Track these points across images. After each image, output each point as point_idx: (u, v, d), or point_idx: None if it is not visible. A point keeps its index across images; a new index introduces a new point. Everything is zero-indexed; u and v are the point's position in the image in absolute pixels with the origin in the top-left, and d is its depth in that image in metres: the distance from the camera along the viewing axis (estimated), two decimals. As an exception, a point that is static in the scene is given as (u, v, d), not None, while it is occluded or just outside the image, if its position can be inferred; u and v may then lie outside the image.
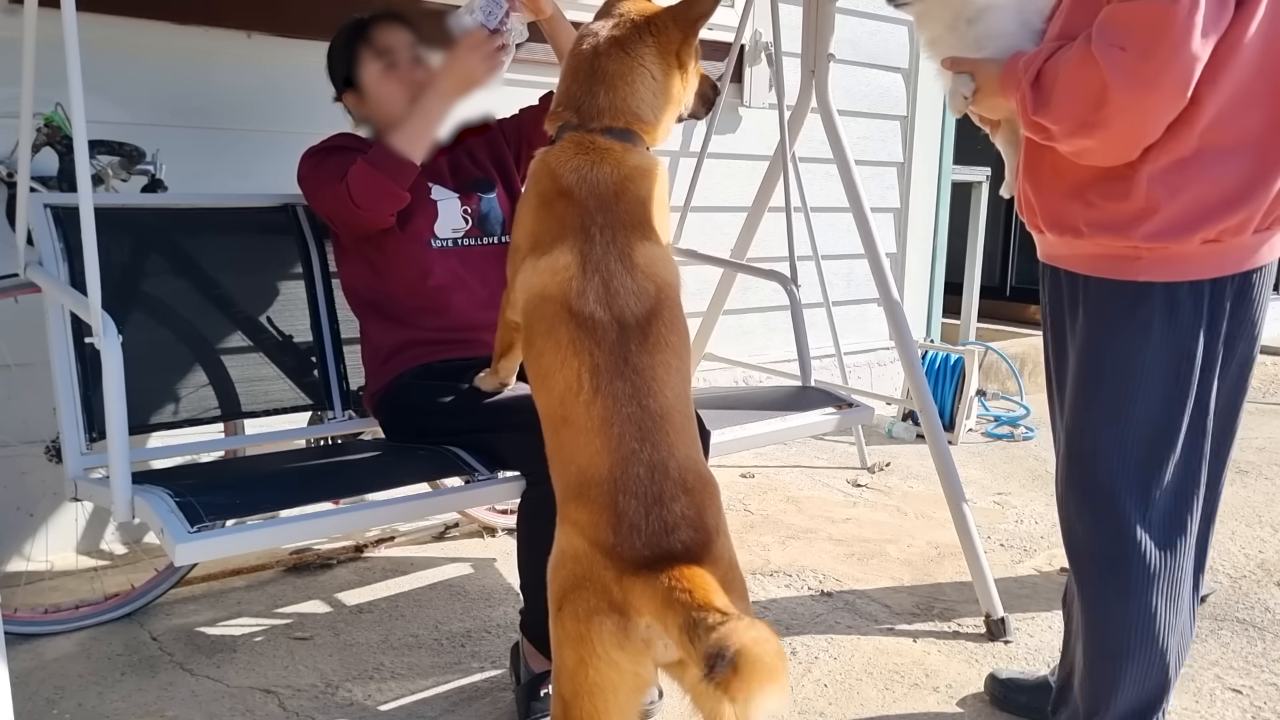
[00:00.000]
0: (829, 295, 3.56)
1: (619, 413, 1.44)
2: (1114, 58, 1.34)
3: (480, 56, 2.03)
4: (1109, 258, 1.56)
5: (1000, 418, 4.30)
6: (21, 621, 2.22)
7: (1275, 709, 2.06)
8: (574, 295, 1.51)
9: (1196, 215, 1.47)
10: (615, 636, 1.33)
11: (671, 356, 1.52)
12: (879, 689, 2.12)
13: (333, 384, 2.30)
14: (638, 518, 1.38)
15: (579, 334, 1.49)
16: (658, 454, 1.43)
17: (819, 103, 2.69)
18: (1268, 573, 2.76)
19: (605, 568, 1.36)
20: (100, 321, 1.66)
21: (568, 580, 1.41)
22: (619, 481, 1.41)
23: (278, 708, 1.99)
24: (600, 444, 1.44)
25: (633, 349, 1.49)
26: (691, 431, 1.52)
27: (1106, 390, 1.60)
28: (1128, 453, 1.59)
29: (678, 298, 1.59)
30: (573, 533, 1.43)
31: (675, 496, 1.41)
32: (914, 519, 3.15)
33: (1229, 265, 1.52)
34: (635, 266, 1.54)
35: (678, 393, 1.51)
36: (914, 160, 4.56)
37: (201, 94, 2.68)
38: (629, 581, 1.33)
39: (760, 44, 3.79)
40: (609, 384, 1.46)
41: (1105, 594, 1.63)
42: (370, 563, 2.72)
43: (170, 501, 1.66)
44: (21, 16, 1.73)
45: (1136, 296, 1.55)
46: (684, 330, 1.58)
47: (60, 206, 2.05)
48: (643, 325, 1.51)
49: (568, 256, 1.54)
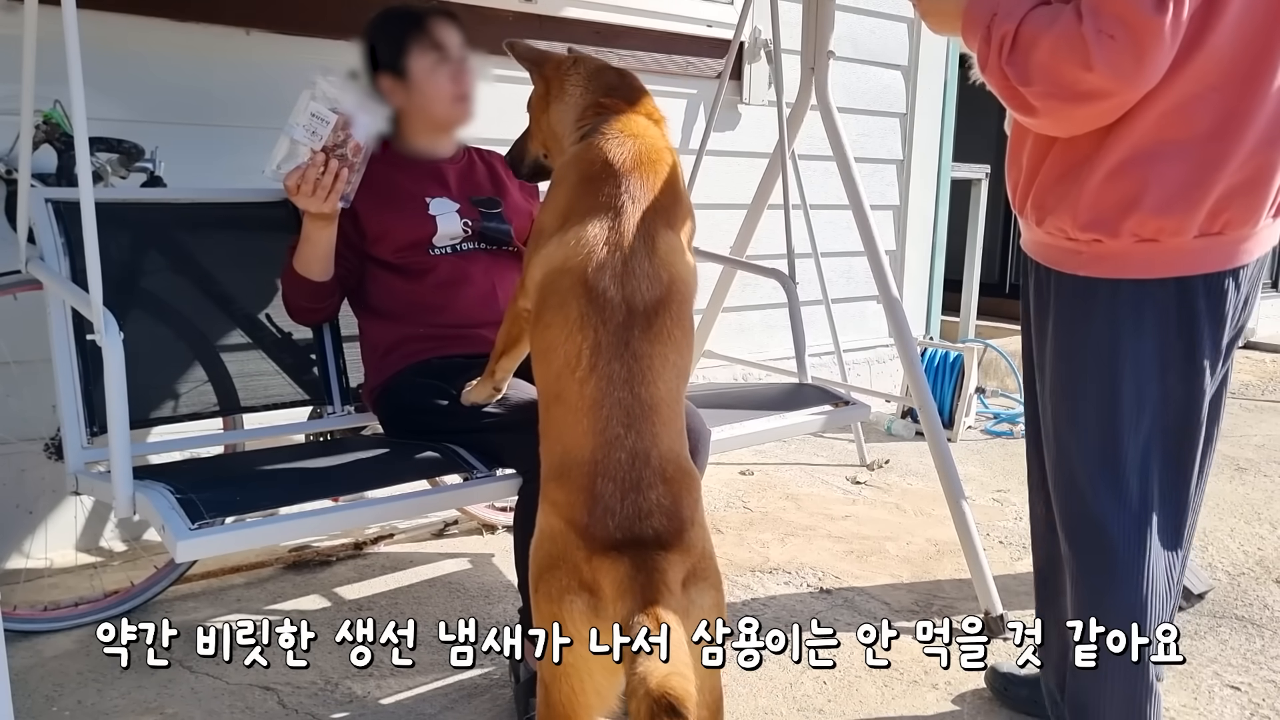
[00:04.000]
0: (828, 292, 3.56)
1: (610, 395, 1.46)
2: (1104, 44, 1.36)
3: (306, 199, 1.92)
4: (1057, 249, 1.59)
5: (999, 415, 4.30)
6: (21, 619, 2.22)
7: (1274, 706, 2.06)
8: (593, 268, 1.53)
9: (1126, 209, 1.47)
10: (585, 615, 1.36)
11: (671, 350, 1.53)
12: (878, 686, 2.12)
13: (332, 379, 2.29)
14: (613, 501, 1.40)
15: (589, 309, 1.51)
16: (641, 442, 1.44)
17: (819, 100, 2.69)
18: (1266, 570, 2.76)
19: (578, 547, 1.39)
20: (102, 317, 1.66)
21: (544, 560, 1.43)
22: (600, 464, 1.43)
23: (277, 704, 1.99)
24: (587, 424, 1.46)
25: (636, 334, 1.50)
26: (679, 426, 1.54)
27: (1060, 380, 1.63)
28: (1087, 449, 1.60)
29: (689, 294, 1.62)
30: (551, 512, 1.46)
31: (653, 484, 1.42)
32: (913, 516, 3.16)
33: (1172, 267, 1.51)
34: (655, 252, 1.57)
35: (670, 387, 1.52)
36: (913, 157, 4.56)
37: (200, 91, 2.67)
38: (598, 561, 1.36)
39: (760, 41, 3.79)
40: (606, 364, 1.47)
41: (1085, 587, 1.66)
42: (370, 560, 2.72)
43: (171, 498, 1.66)
44: (21, 14, 1.73)
45: (1086, 292, 1.56)
46: (689, 327, 1.60)
47: (61, 201, 2.04)
48: (649, 313, 1.52)
49: (597, 229, 1.56)
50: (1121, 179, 1.47)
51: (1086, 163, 1.50)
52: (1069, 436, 1.63)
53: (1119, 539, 1.59)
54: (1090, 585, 1.65)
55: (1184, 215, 1.47)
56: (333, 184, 1.91)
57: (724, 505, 3.21)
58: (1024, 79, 1.44)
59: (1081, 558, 1.65)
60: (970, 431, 4.15)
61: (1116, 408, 1.56)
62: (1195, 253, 1.50)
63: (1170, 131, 1.44)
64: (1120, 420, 1.57)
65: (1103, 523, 1.60)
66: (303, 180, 1.90)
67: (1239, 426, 4.32)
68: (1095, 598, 1.64)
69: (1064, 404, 1.64)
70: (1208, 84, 1.43)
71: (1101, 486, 1.59)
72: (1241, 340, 1.68)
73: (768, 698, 2.06)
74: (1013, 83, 1.45)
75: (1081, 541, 1.65)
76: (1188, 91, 1.43)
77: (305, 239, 2.03)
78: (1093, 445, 1.60)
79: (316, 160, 1.89)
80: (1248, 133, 1.44)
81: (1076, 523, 1.65)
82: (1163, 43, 1.35)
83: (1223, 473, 3.63)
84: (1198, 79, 1.42)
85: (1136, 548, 1.58)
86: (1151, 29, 1.34)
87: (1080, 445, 1.61)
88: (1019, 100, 1.47)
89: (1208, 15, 1.39)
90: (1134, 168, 1.46)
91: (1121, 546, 1.59)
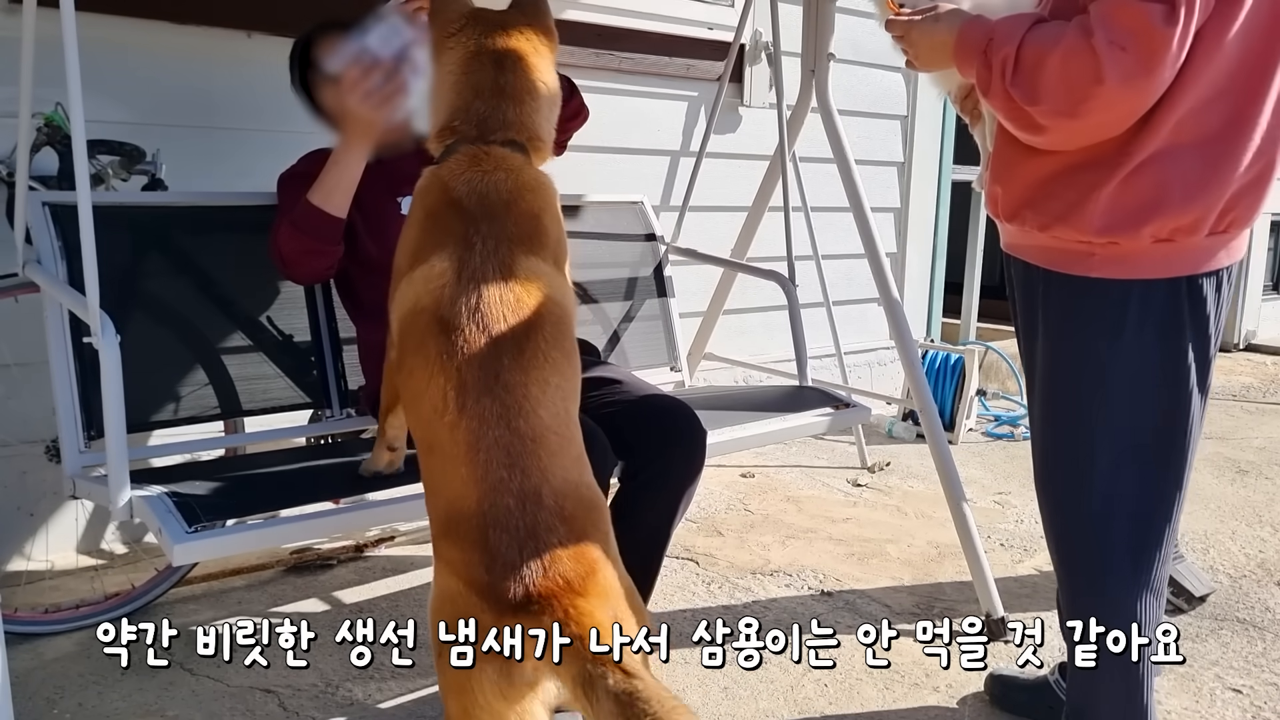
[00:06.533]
0: (829, 295, 3.56)
1: (485, 436, 1.32)
2: (1116, 56, 1.36)
3: (360, 99, 1.86)
4: (1064, 252, 1.58)
5: (1000, 417, 4.30)
6: (22, 621, 2.22)
7: (1275, 709, 2.06)
8: (445, 304, 1.42)
9: (1148, 211, 1.48)
10: (497, 685, 1.22)
11: (551, 373, 1.41)
12: (879, 688, 2.12)
13: (330, 382, 2.30)
14: (511, 554, 1.25)
15: (447, 347, 1.38)
16: (529, 481, 1.30)
17: (819, 102, 2.69)
18: (1268, 572, 2.75)
19: (482, 610, 1.24)
20: (98, 321, 1.66)
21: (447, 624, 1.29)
22: (488, 515, 1.28)
23: (278, 707, 1.99)
24: (466, 473, 1.32)
25: (505, 364, 1.38)
26: (573, 453, 1.41)
27: (1057, 386, 1.63)
28: (1082, 446, 1.61)
29: (563, 315, 1.51)
30: (446, 572, 1.32)
31: (551, 527, 1.28)
32: (914, 519, 3.15)
33: (1183, 266, 1.52)
34: (514, 279, 1.45)
35: (555, 412, 1.39)
36: (914, 160, 4.56)
37: (202, 93, 2.68)
38: (509, 622, 1.22)
39: (760, 43, 3.79)
40: (475, 403, 1.34)
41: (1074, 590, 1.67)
42: (370, 562, 2.72)
43: (168, 501, 1.66)
44: (21, 16, 1.73)
45: (1090, 293, 1.56)
46: (570, 349, 1.49)
47: (59, 205, 2.04)
48: (518, 340, 1.41)
49: (444, 264, 1.46)
50: (1140, 182, 1.48)
51: (1102, 167, 1.49)
52: (1067, 433, 1.63)
53: (1104, 539, 1.60)
54: (1072, 586, 1.67)
55: (1200, 215, 1.48)
56: (391, 93, 1.84)
57: (725, 508, 3.21)
58: (1031, 98, 1.44)
59: (1065, 557, 1.67)
60: (971, 434, 4.14)
61: (1122, 407, 1.56)
62: (1204, 250, 1.52)
63: (1184, 135, 1.45)
64: (1117, 419, 1.57)
65: (1091, 522, 1.61)
66: (367, 76, 1.82)
67: (1240, 429, 4.32)
68: (1072, 597, 1.67)
69: (1064, 402, 1.64)
70: (1218, 88, 1.44)
71: (1097, 487, 1.59)
72: (1242, 341, 1.69)
73: (769, 700, 2.06)
74: (1019, 103, 1.46)
75: (1066, 542, 1.67)
76: (1202, 96, 1.44)
77: (334, 164, 1.94)
78: (1091, 443, 1.60)
79: (384, 64, 1.83)
80: (1254, 132, 1.46)
81: (1069, 522, 1.66)
82: (1171, 54, 1.36)
83: (1224, 475, 3.62)
84: (1211, 84, 1.43)
85: (1123, 548, 1.59)
86: (1162, 40, 1.35)
87: (1078, 443, 1.61)
88: (1025, 120, 1.48)
89: (1221, 23, 1.40)
90: (1153, 171, 1.47)
91: (1104, 548, 1.60)
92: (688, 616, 2.42)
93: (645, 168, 3.68)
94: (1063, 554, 1.68)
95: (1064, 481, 1.65)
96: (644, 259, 2.89)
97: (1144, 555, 1.58)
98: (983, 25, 1.52)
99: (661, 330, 2.88)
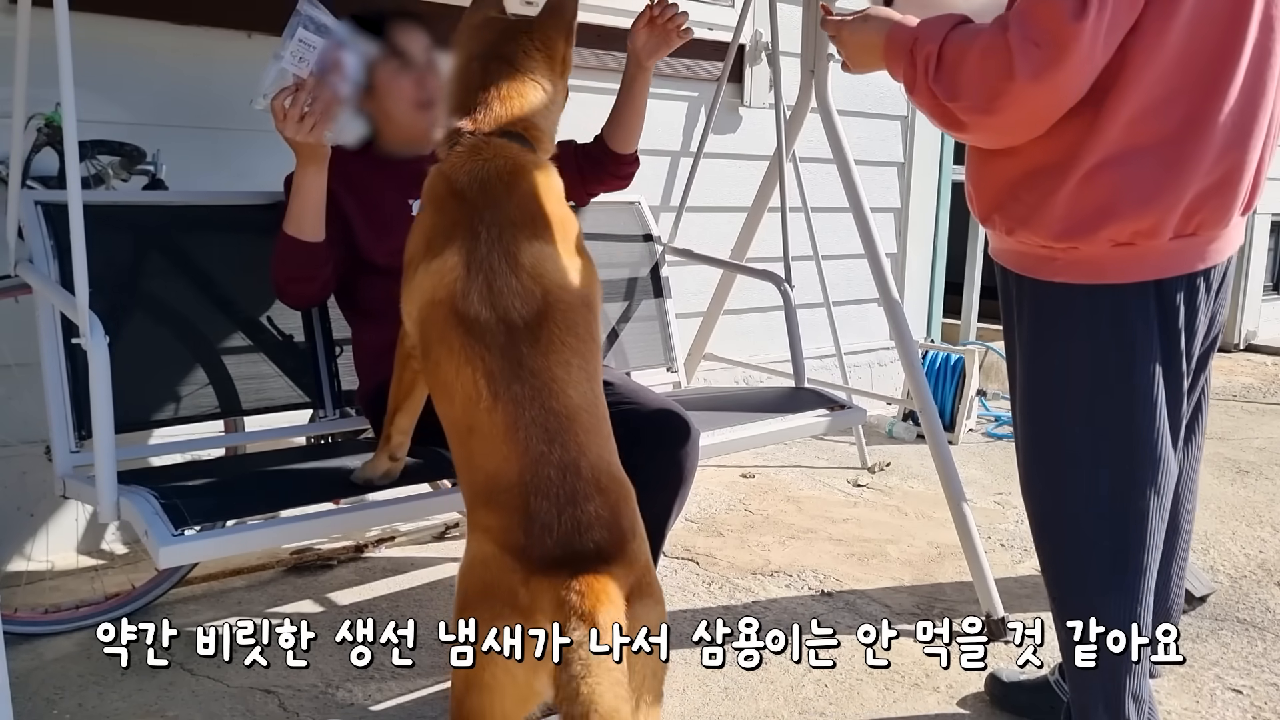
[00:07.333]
0: (829, 295, 3.56)
1: (522, 416, 1.40)
2: (1028, 52, 1.36)
3: (293, 129, 1.82)
4: (1030, 256, 1.59)
5: (1001, 417, 4.29)
6: (22, 621, 2.22)
7: (1276, 709, 2.06)
8: (459, 297, 1.47)
9: (1103, 215, 1.47)
10: (509, 662, 1.30)
11: (571, 356, 1.47)
12: (879, 689, 2.12)
13: (324, 383, 2.29)
14: (550, 517, 1.34)
15: (468, 339, 1.45)
16: (568, 454, 1.39)
17: (819, 103, 2.69)
18: (1268, 573, 2.75)
19: (513, 570, 1.33)
20: (87, 321, 1.65)
21: (475, 586, 1.38)
22: (530, 484, 1.37)
23: (278, 708, 1.99)
24: (508, 449, 1.40)
25: (525, 351, 1.44)
26: (604, 431, 1.49)
27: (1030, 389, 1.64)
28: (1056, 449, 1.61)
29: (575, 299, 1.54)
30: (483, 539, 1.40)
31: (589, 496, 1.37)
32: (914, 519, 3.15)
33: (1148, 270, 1.50)
34: (520, 267, 1.50)
35: (583, 392, 1.47)
36: (914, 160, 4.56)
37: (202, 94, 2.68)
38: (537, 582, 1.31)
39: (760, 44, 3.79)
40: (507, 389, 1.42)
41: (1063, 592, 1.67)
42: (370, 563, 2.72)
43: (155, 503, 1.64)
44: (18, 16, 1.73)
45: (1053, 297, 1.56)
46: (585, 332, 1.53)
47: (51, 204, 2.02)
48: (532, 327, 1.46)
49: (454, 257, 1.51)
50: (1094, 185, 1.47)
51: (1056, 171, 1.49)
52: (1040, 436, 1.64)
53: (1079, 540, 1.60)
54: (1054, 585, 1.67)
55: (1159, 219, 1.46)
56: (321, 113, 1.82)
57: (725, 508, 3.21)
58: (951, 94, 1.46)
59: (1045, 558, 1.68)
60: (971, 434, 4.14)
61: (1089, 410, 1.56)
62: (1171, 255, 1.50)
63: (1139, 137, 1.44)
64: (1093, 422, 1.56)
65: (1074, 522, 1.61)
66: (290, 104, 1.81)
67: (1240, 429, 4.32)
68: (1054, 597, 1.67)
69: (1037, 404, 1.64)
70: (1172, 87, 1.42)
71: (1068, 488, 1.60)
72: (1218, 343, 1.69)
73: (769, 700, 2.06)
74: (941, 100, 1.47)
75: (1045, 543, 1.67)
76: (1154, 95, 1.43)
77: (295, 191, 1.94)
78: (1061, 445, 1.60)
79: (305, 84, 1.81)
80: (1214, 134, 1.44)
81: (1046, 522, 1.67)
82: (1081, 48, 1.35)
83: (1224, 475, 3.63)
84: (1161, 82, 1.42)
85: (1100, 550, 1.59)
86: (1072, 34, 1.34)
87: (1050, 445, 1.62)
88: (948, 117, 1.49)
89: (1161, 17, 1.39)
90: (1106, 174, 1.46)
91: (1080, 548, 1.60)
92: (688, 616, 2.42)
93: (645, 168, 3.63)
94: (1043, 554, 1.69)
95: (1041, 484, 1.65)
96: (641, 259, 2.89)
97: (1120, 557, 1.57)
98: (910, 26, 1.54)
99: (658, 331, 2.88)
